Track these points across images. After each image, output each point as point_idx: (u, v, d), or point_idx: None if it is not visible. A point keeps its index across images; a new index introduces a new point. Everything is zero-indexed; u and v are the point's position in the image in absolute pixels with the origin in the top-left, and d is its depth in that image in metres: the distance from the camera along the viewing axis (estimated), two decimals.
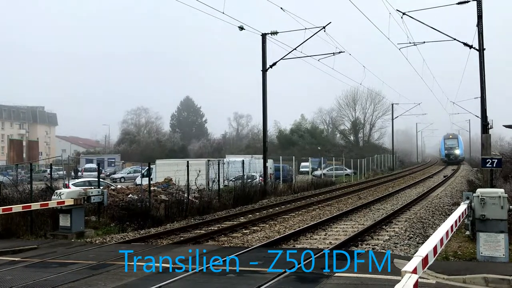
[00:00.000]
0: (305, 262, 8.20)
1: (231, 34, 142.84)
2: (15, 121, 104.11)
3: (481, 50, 20.54)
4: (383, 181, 37.27)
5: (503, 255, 8.02)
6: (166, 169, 24.28)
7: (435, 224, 13.62)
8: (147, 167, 18.94)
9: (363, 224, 14.06)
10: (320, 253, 9.06)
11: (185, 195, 18.29)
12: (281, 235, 12.13)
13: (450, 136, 73.35)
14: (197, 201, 18.49)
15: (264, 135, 28.38)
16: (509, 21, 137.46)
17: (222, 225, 15.07)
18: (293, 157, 36.30)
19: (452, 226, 6.33)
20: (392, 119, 63.38)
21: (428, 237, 6.64)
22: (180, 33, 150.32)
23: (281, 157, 33.73)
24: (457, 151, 70.96)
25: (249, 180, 24.74)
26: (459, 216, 7.13)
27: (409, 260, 4.54)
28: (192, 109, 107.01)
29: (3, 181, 18.71)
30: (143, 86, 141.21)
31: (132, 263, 8.76)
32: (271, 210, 19.04)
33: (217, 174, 22.08)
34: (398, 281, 3.68)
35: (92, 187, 15.17)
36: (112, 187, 22.74)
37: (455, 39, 22.17)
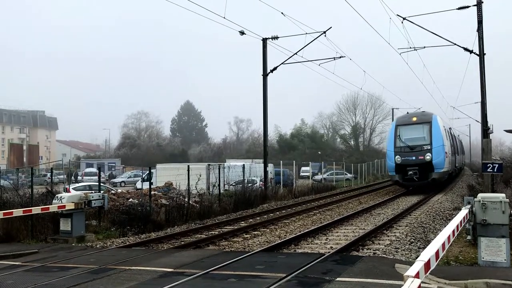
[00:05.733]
0: (306, 267, 8.19)
1: (232, 39, 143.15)
2: (16, 125, 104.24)
3: (481, 55, 20.60)
4: (384, 185, 37.22)
5: (505, 260, 8.01)
6: (167, 173, 24.30)
7: (436, 229, 13.60)
8: (148, 171, 18.93)
9: (364, 228, 14.04)
10: (322, 258, 9.04)
11: (186, 199, 18.28)
12: (282, 240, 12.11)
13: (414, 119, 27.50)
14: (197, 205, 18.48)
15: (265, 139, 28.40)
16: (510, 26, 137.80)
17: (223, 229, 15.05)
18: (294, 161, 36.29)
19: (453, 231, 6.33)
20: None
21: (429, 242, 6.66)
22: (181, 37, 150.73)
23: (281, 161, 33.73)
24: (428, 155, 25.71)
25: (249, 185, 24.72)
26: (461, 221, 7.13)
27: (410, 265, 4.54)
28: (192, 114, 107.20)
29: (3, 185, 18.72)
30: (144, 90, 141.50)
31: (133, 268, 8.76)
32: (271, 214, 19.01)
33: (218, 179, 22.07)
34: (400, 286, 3.68)
35: (93, 191, 15.18)
36: (113, 192, 22.73)
37: (455, 44, 22.24)
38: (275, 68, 26.72)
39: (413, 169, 25.36)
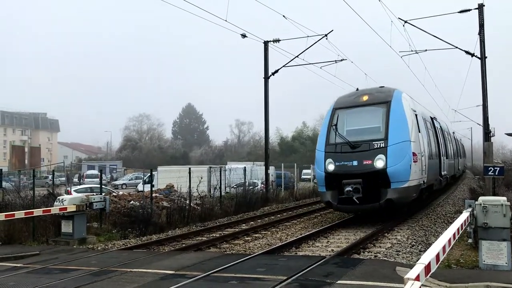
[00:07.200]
0: (307, 270, 8.19)
1: (234, 42, 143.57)
2: (17, 127, 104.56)
3: (482, 58, 20.64)
4: None
5: (506, 263, 8.01)
6: (168, 176, 24.33)
7: (437, 232, 13.58)
8: (149, 174, 18.97)
9: (365, 231, 14.02)
10: (322, 261, 9.04)
11: (187, 201, 18.30)
12: (283, 242, 12.11)
13: (364, 99, 15.57)
14: (198, 208, 18.50)
15: (266, 142, 28.40)
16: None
17: (224, 232, 15.06)
18: (295, 164, 36.31)
19: (454, 234, 6.34)
20: None
21: (430, 245, 6.66)
22: (183, 40, 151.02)
23: (282, 164, 33.74)
24: (381, 159, 14.04)
25: (250, 187, 24.75)
26: (462, 224, 7.14)
27: (411, 268, 4.55)
28: (194, 116, 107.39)
29: (5, 187, 18.77)
30: (145, 92, 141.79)
31: (134, 270, 8.77)
32: (272, 217, 19.02)
33: (219, 181, 22.10)
34: None
35: (94, 194, 15.22)
36: (114, 194, 22.76)
37: (456, 47, 22.25)
38: (276, 71, 26.76)
39: (353, 183, 14.01)
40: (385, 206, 14.15)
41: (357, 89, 16.96)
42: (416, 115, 15.76)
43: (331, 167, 14.77)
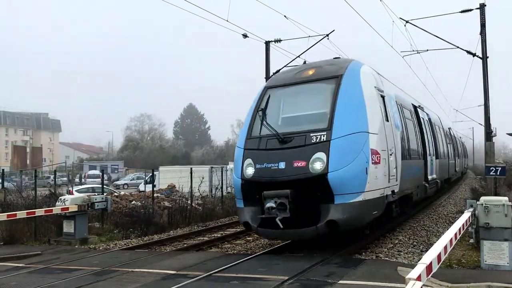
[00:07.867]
0: (308, 270, 8.19)
1: (235, 42, 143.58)
2: (19, 128, 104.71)
3: (484, 58, 20.59)
4: None
5: (507, 263, 8.00)
6: (170, 176, 24.38)
7: (439, 232, 13.57)
8: (151, 174, 18.99)
9: (367, 231, 13.99)
10: (324, 261, 9.04)
11: (188, 202, 18.31)
12: (285, 242, 12.09)
13: (309, 73, 10.92)
14: (200, 208, 18.52)
15: None
16: None
17: (225, 232, 15.07)
18: None
19: (456, 234, 6.34)
20: None
21: (431, 245, 6.66)
22: (184, 40, 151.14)
23: None
24: (320, 159, 9.18)
25: None
26: (463, 224, 7.14)
27: (412, 268, 4.55)
28: (195, 116, 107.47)
29: (7, 187, 18.82)
30: (146, 92, 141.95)
31: (136, 270, 8.78)
32: None
33: (220, 181, 22.11)
34: None
35: (96, 194, 15.25)
36: (115, 194, 22.79)
37: (458, 47, 22.19)
38: (278, 71, 26.72)
39: (278, 197, 9.36)
40: (326, 231, 9.41)
41: (305, 62, 13.25)
42: (383, 97, 11.38)
43: (249, 172, 10.04)
